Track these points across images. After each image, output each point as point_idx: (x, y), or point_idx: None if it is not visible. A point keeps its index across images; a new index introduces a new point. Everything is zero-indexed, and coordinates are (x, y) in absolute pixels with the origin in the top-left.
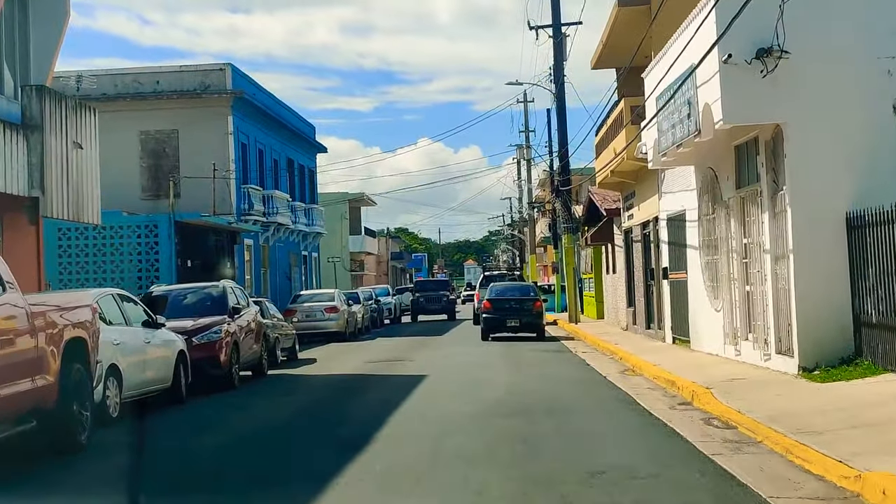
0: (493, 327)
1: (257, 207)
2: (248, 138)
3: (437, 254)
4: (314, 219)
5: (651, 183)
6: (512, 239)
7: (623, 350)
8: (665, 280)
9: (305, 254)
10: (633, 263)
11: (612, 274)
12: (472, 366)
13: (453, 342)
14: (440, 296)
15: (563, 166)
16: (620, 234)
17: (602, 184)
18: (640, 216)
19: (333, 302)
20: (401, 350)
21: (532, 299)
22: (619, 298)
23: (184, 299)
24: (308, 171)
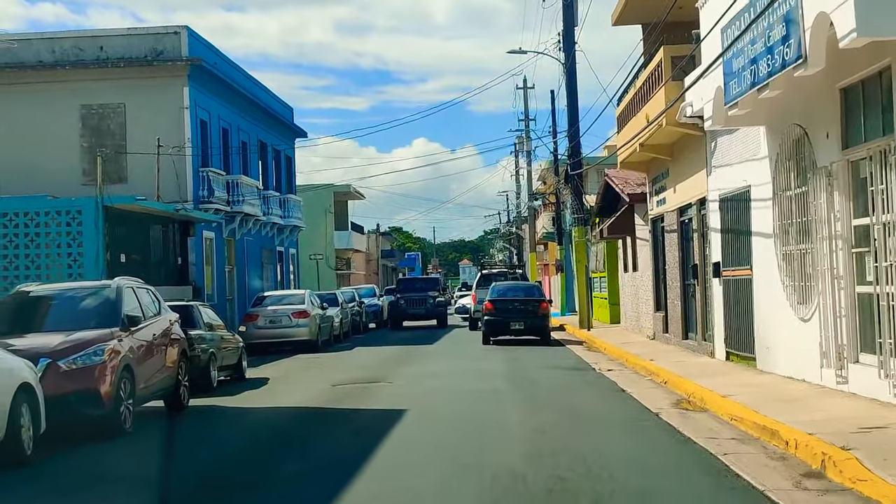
0: (495, 330)
1: (219, 195)
2: (208, 115)
3: (431, 253)
4: (290, 210)
5: (693, 156)
6: (509, 236)
7: (665, 370)
8: (716, 279)
9: (281, 249)
10: (663, 258)
11: (633, 272)
12: (469, 393)
13: (445, 353)
14: (426, 297)
15: (573, 147)
16: (645, 224)
17: (625, 163)
18: (675, 200)
19: (303, 305)
20: (380, 365)
21: (537, 300)
22: (643, 301)
23: (61, 305)
24: (284, 157)
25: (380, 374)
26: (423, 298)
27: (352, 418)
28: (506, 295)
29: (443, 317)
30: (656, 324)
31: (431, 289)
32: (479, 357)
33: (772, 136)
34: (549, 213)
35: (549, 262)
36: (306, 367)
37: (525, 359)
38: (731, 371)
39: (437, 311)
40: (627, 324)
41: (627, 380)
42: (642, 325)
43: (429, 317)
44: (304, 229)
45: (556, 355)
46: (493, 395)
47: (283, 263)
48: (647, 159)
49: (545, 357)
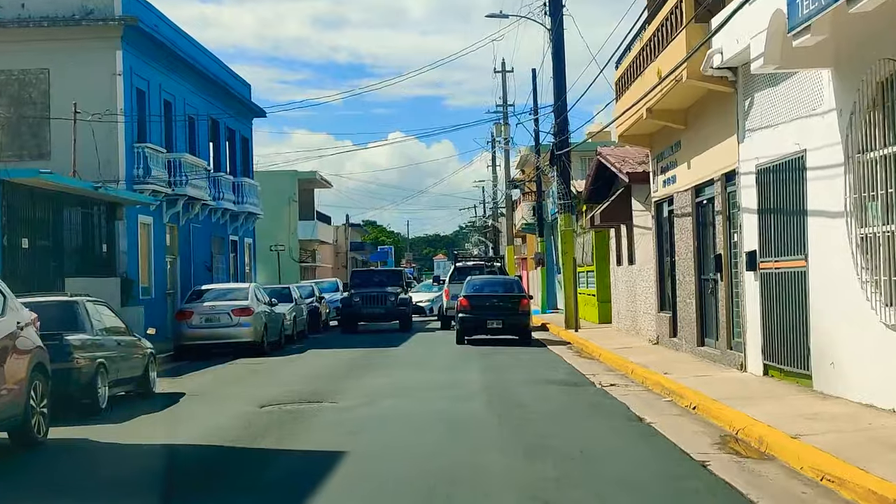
0: (470, 329)
1: (157, 173)
2: (147, 84)
3: (405, 247)
4: (246, 196)
5: (717, 120)
6: (485, 230)
7: (689, 388)
8: (750, 272)
9: (235, 238)
10: (670, 249)
11: (628, 265)
12: (437, 421)
13: (412, 358)
14: (386, 294)
15: (559, 123)
16: (645, 209)
17: (626, 137)
18: (688, 177)
19: (246, 301)
20: (331, 374)
21: (517, 296)
22: (641, 299)
23: None
24: (240, 138)
25: (326, 389)
26: (383, 296)
27: (261, 468)
28: (482, 290)
29: (406, 318)
30: (660, 326)
31: (392, 283)
32: (451, 364)
33: (844, 82)
34: (529, 203)
35: (527, 256)
36: (238, 378)
37: (507, 367)
38: (780, 393)
39: (398, 312)
40: (621, 324)
41: (641, 402)
42: (640, 326)
43: (389, 318)
44: (262, 217)
45: (543, 362)
46: (470, 427)
47: (238, 254)
48: (652, 130)
49: (531, 365)
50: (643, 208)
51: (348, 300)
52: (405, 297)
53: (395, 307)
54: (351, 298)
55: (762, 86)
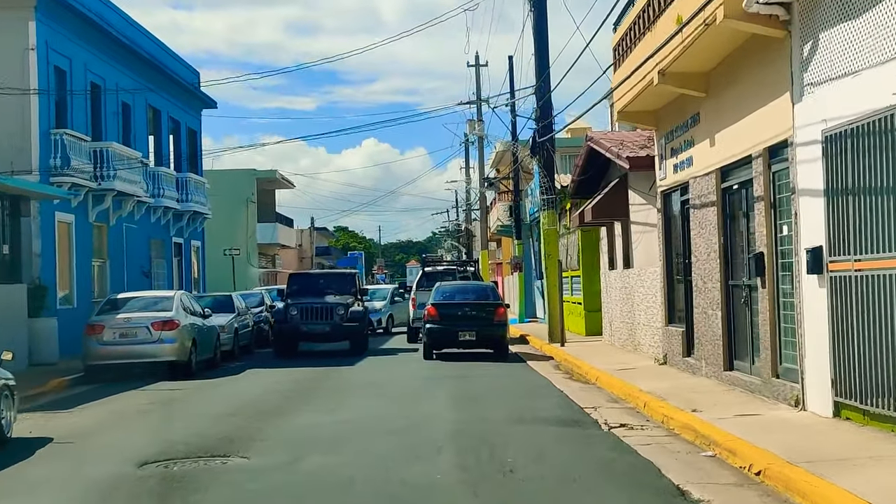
0: (439, 341)
1: (78, 164)
2: (69, 63)
3: (377, 253)
4: (191, 193)
5: (757, 79)
6: (458, 234)
7: (737, 438)
8: (813, 275)
9: (179, 241)
10: (685, 247)
11: (623, 269)
12: (383, 497)
13: (367, 381)
14: (333, 307)
15: (543, 106)
16: (648, 202)
17: (627, 114)
18: (711, 157)
19: (168, 312)
20: (258, 407)
21: (493, 304)
22: (641, 309)
23: None
24: (187, 130)
25: (243, 432)
26: (329, 308)
27: None
28: (453, 298)
29: (359, 337)
30: (669, 342)
31: (342, 290)
32: (415, 390)
33: None
34: (506, 203)
35: (503, 261)
36: (140, 413)
37: (484, 396)
38: (884, 451)
39: (349, 330)
40: (614, 338)
41: (673, 459)
42: (639, 341)
43: (336, 337)
44: (211, 218)
45: (527, 388)
46: None
47: (184, 259)
48: (660, 104)
49: (513, 392)
50: (644, 201)
51: (282, 314)
52: (358, 309)
53: (345, 323)
54: (286, 311)
55: (833, 20)
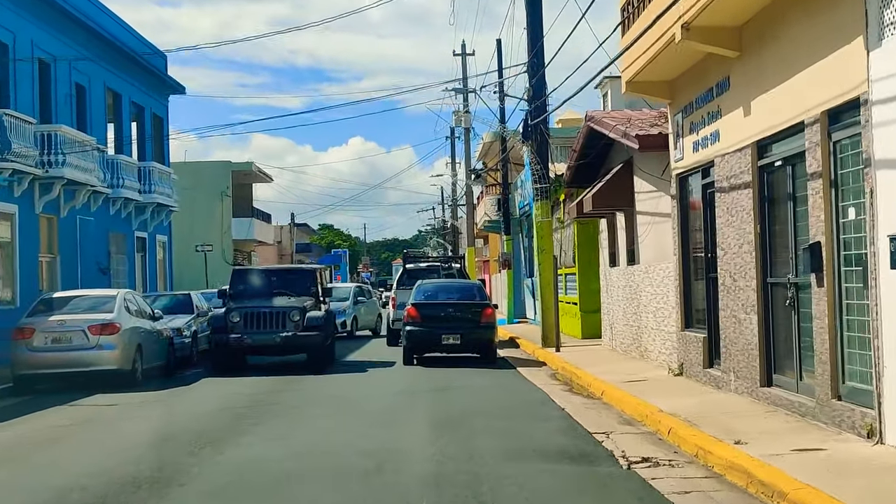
0: (421, 345)
1: (21, 149)
2: (12, 37)
3: (361, 251)
4: (153, 184)
5: (809, 26)
6: (444, 231)
7: (812, 489)
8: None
9: (142, 235)
10: (708, 239)
11: (627, 266)
12: None
13: (335, 394)
14: (284, 312)
15: (535, 84)
16: (658, 189)
17: (636, 84)
18: (745, 129)
19: (109, 314)
20: (204, 430)
21: (480, 305)
22: (650, 311)
23: None
24: (152, 117)
25: (164, 473)
26: (280, 314)
27: None
28: (436, 297)
29: (320, 350)
30: (686, 349)
31: (301, 291)
32: (389, 407)
33: None
34: (493, 197)
35: (490, 258)
36: (51, 440)
37: (471, 418)
38: None
39: (308, 341)
40: (616, 342)
41: None
42: (647, 346)
43: (289, 349)
44: (177, 210)
45: (522, 404)
46: None
47: (148, 254)
48: (679, 70)
49: (507, 412)
50: (654, 188)
51: (221, 321)
52: (318, 314)
53: (301, 333)
54: (226, 318)
55: None
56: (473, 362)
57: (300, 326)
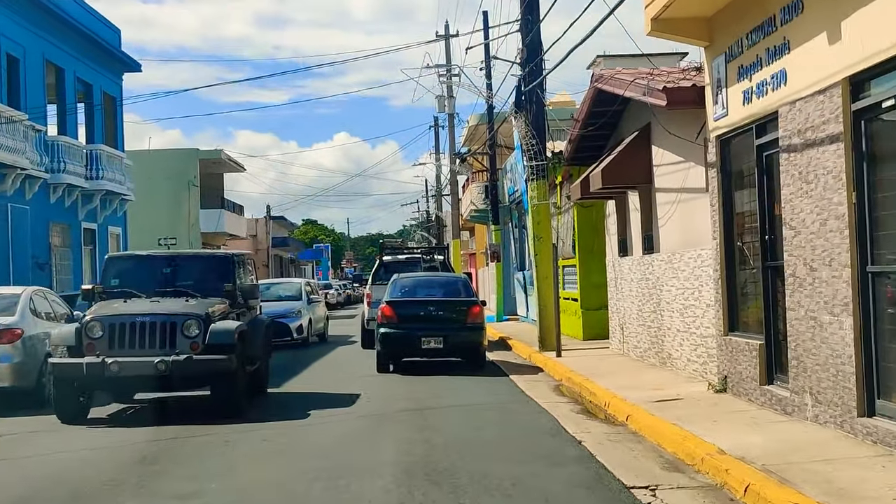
0: (397, 349)
1: None
2: None
3: (345, 246)
4: (102, 169)
5: None
6: (428, 224)
7: None
8: None
9: (91, 227)
10: (762, 219)
11: (643, 255)
12: None
13: (274, 425)
14: (175, 322)
15: (530, 45)
16: (682, 160)
17: (665, 22)
18: (830, 64)
19: (10, 318)
20: (83, 482)
21: (465, 302)
22: (673, 308)
23: None
24: (102, 96)
25: None
26: (164, 327)
27: None
28: (415, 293)
29: (227, 382)
30: (734, 360)
31: (207, 289)
32: (342, 450)
33: None
34: (480, 184)
35: (476, 251)
36: None
37: (457, 467)
38: None
39: (207, 369)
40: (628, 346)
41: None
42: (670, 352)
43: (177, 381)
44: (133, 200)
45: (525, 438)
46: None
47: (98, 248)
48: (722, 2)
49: (505, 453)
50: (679, 158)
51: (74, 338)
52: (226, 326)
53: (198, 357)
54: (81, 332)
55: None
56: (459, 368)
57: (198, 346)
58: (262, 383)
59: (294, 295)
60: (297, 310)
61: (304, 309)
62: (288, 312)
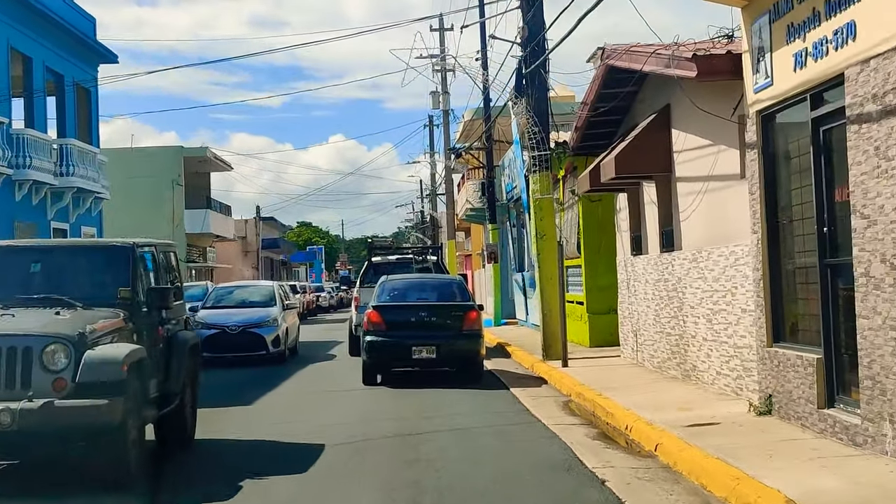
0: (385, 360)
1: None
2: None
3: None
4: (72, 165)
5: None
6: (423, 226)
7: None
8: None
9: (62, 226)
10: (819, 207)
11: (661, 253)
12: None
13: (247, 448)
14: (24, 351)
15: (531, 23)
16: (710, 144)
17: None
18: None
19: None
20: None
21: (461, 307)
22: (697, 315)
23: None
24: (74, 88)
25: None
26: (10, 353)
27: None
28: (405, 297)
29: (104, 435)
30: (781, 377)
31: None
32: (322, 476)
33: None
34: (476, 182)
35: (472, 252)
36: None
37: None
38: None
39: (62, 423)
40: (643, 355)
41: None
42: (695, 364)
43: (19, 446)
44: (108, 199)
45: (535, 475)
46: None
47: None
48: None
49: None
50: (706, 141)
51: None
52: (115, 351)
53: (65, 401)
54: None
55: None
56: (454, 379)
57: (68, 383)
58: (183, 430)
59: (265, 300)
60: (272, 318)
61: (279, 316)
62: (263, 321)
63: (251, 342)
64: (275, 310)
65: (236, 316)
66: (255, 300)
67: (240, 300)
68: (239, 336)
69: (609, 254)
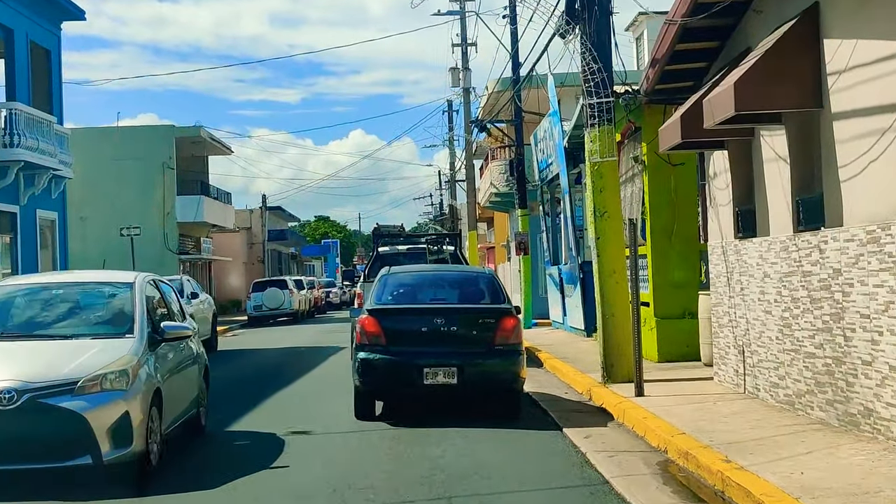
0: (385, 386)
1: None
2: None
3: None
4: (22, 136)
5: None
6: (441, 217)
7: None
8: None
9: (11, 209)
10: None
11: (798, 232)
12: None
13: None
14: None
15: None
16: None
17: None
18: None
19: None
20: None
21: (493, 311)
22: (873, 330)
23: None
24: (30, 48)
25: None
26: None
27: None
28: (414, 297)
29: None
30: None
31: None
32: None
33: None
34: (503, 162)
35: (495, 244)
36: None
37: None
38: None
39: None
40: (757, 382)
41: None
42: (870, 407)
43: None
44: (70, 178)
45: None
46: None
47: (21, 236)
48: None
49: None
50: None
51: None
52: None
53: None
54: None
55: None
56: (481, 411)
57: None
58: None
59: (109, 317)
60: (111, 371)
61: (144, 362)
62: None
63: (43, 438)
64: (128, 344)
65: (11, 361)
66: (85, 318)
67: (42, 318)
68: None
69: (685, 240)
